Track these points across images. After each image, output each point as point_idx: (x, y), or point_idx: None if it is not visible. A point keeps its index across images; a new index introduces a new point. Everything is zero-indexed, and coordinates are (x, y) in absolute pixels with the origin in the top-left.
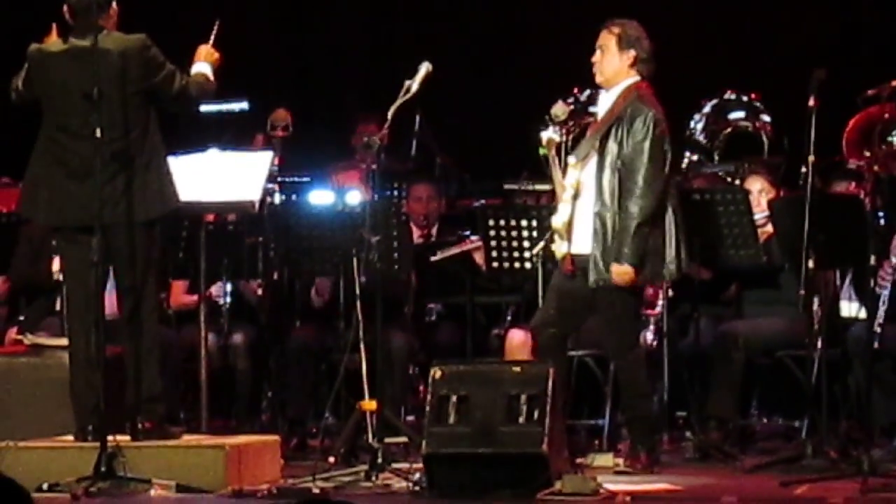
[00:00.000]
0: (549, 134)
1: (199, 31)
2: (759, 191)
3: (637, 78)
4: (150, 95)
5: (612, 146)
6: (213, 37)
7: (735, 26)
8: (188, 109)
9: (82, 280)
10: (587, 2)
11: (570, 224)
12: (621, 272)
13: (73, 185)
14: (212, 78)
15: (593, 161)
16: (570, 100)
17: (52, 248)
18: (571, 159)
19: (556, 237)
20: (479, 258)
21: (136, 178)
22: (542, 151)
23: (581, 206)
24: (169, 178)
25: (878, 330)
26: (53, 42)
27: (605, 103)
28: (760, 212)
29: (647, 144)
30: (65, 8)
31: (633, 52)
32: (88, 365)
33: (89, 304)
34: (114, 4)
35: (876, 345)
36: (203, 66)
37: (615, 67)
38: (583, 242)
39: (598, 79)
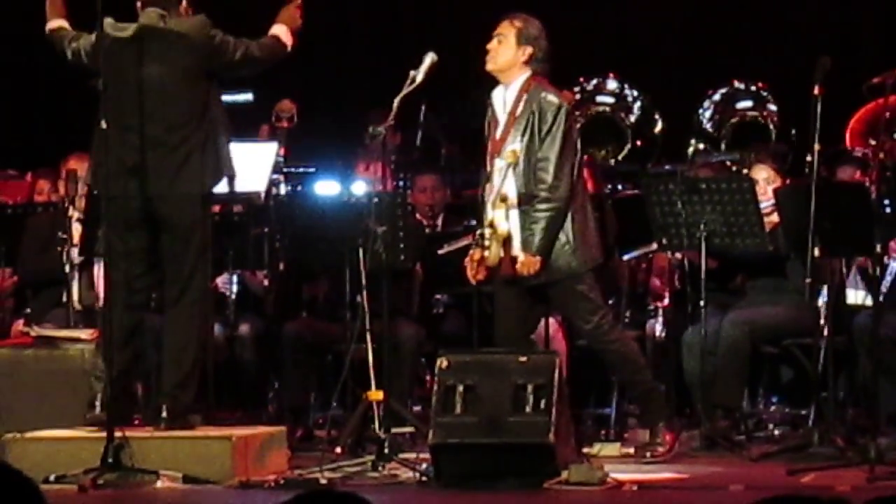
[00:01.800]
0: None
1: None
2: (765, 179)
3: (530, 73)
4: (212, 74)
5: (526, 142)
6: None
7: (741, 16)
8: (253, 72)
9: (119, 262)
10: None
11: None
12: (529, 263)
13: (121, 164)
14: (286, 40)
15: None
16: (577, 89)
17: (59, 240)
18: (500, 163)
19: (489, 242)
20: None
21: (192, 157)
22: (508, 161)
23: (512, 204)
24: (226, 153)
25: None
26: (119, 26)
27: (504, 99)
28: (766, 200)
29: (559, 136)
30: None
31: (530, 49)
32: (118, 339)
33: (127, 287)
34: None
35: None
36: (279, 28)
37: (509, 59)
38: (516, 244)
39: (489, 67)
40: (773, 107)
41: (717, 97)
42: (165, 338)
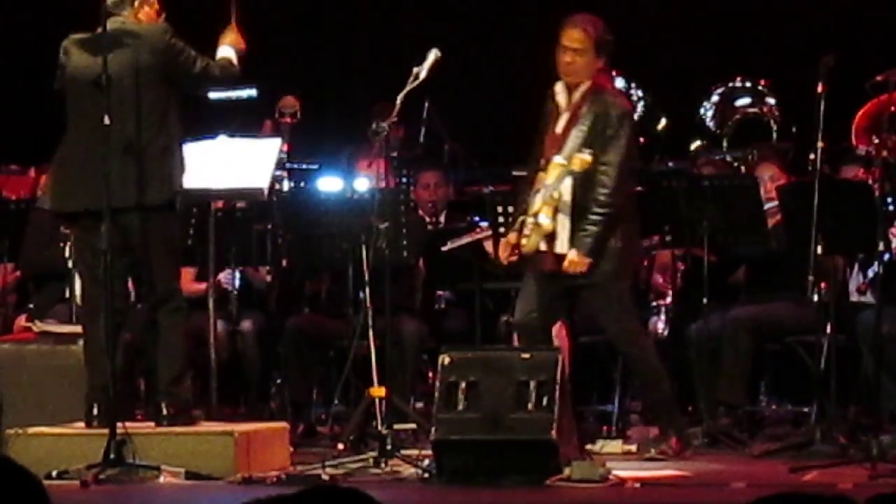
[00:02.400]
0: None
1: (209, 19)
2: (770, 177)
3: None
4: (171, 81)
5: (587, 143)
6: (233, 15)
7: (744, 12)
8: (209, 90)
9: (91, 267)
10: None
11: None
12: (579, 262)
13: (83, 172)
14: (236, 62)
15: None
16: None
17: (62, 235)
18: (559, 158)
19: (529, 231)
20: (488, 246)
21: (149, 163)
22: (576, 168)
23: (564, 206)
24: (180, 165)
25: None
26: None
27: (568, 95)
28: (771, 200)
29: (623, 142)
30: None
31: (604, 57)
32: (100, 351)
33: (100, 291)
34: (146, 5)
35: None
36: (227, 49)
37: (589, 71)
38: (563, 243)
39: (570, 80)
40: (771, 100)
41: (715, 97)
42: (153, 338)
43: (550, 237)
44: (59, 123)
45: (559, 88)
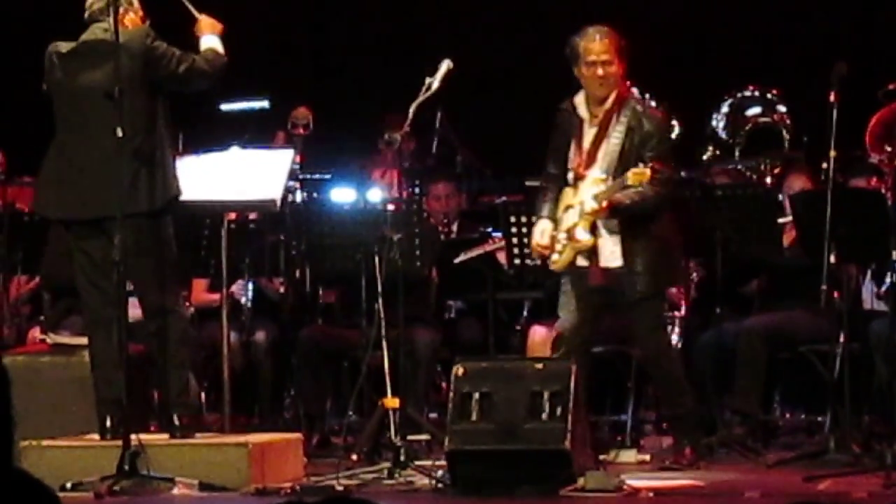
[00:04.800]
0: None
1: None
2: (802, 188)
3: None
4: (158, 85)
5: (625, 156)
6: (191, 9)
7: (755, 21)
8: (202, 85)
9: (92, 278)
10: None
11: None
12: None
13: (81, 181)
14: (221, 50)
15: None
16: None
17: None
18: (598, 173)
19: (561, 248)
20: (501, 257)
21: (142, 171)
22: (638, 181)
23: (608, 220)
24: (172, 170)
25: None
26: (64, 44)
27: (593, 108)
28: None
29: (668, 148)
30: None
31: (625, 62)
32: (109, 363)
33: (105, 302)
34: (131, 12)
35: None
36: (210, 38)
37: (619, 79)
38: (613, 257)
39: (606, 93)
40: (782, 108)
41: (725, 107)
42: (155, 353)
43: (592, 252)
44: None
45: (580, 101)
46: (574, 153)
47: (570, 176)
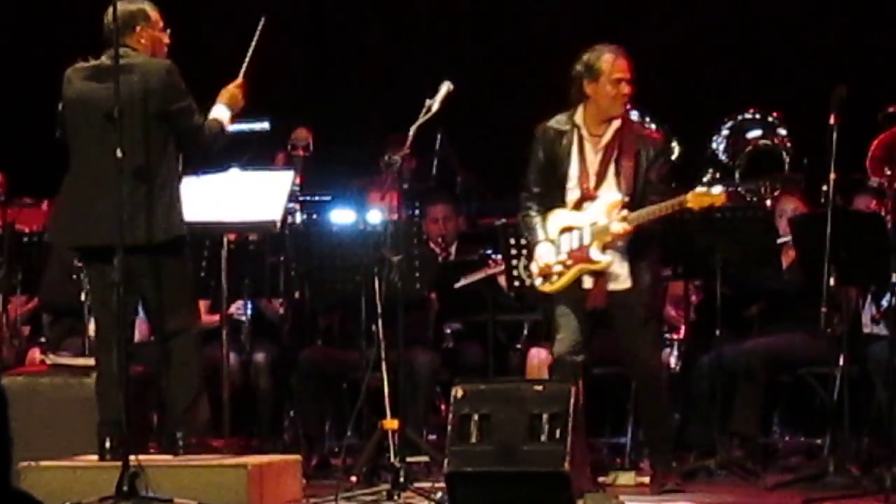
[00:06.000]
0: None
1: (220, 51)
2: (794, 210)
3: None
4: (168, 120)
5: (639, 178)
6: (244, 68)
7: (755, 44)
8: (199, 151)
9: (104, 301)
10: (609, 21)
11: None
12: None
13: (91, 205)
14: (227, 126)
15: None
16: None
17: (78, 269)
18: (615, 194)
19: (557, 275)
20: (501, 279)
21: (152, 198)
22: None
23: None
24: (179, 202)
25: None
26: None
27: (593, 129)
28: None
29: (668, 170)
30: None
31: None
32: (112, 384)
33: (112, 324)
34: (137, 27)
35: None
36: (222, 109)
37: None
38: (622, 278)
39: (621, 111)
40: (783, 131)
41: (725, 130)
42: (166, 370)
43: (598, 273)
44: (70, 157)
45: (580, 119)
46: (577, 173)
47: (572, 196)
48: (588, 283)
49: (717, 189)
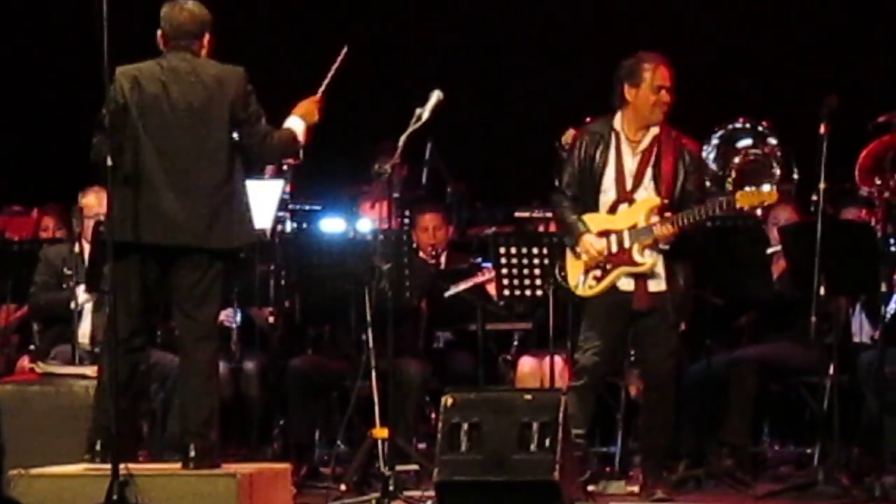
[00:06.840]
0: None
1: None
2: (787, 220)
3: None
4: (235, 127)
5: (677, 184)
6: (323, 85)
7: (745, 53)
8: (265, 160)
9: (183, 307)
10: (599, 32)
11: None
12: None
13: (165, 204)
14: (301, 138)
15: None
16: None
17: (71, 277)
18: (653, 196)
19: (601, 274)
20: (491, 289)
21: (231, 202)
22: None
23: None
24: (250, 215)
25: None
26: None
27: (632, 134)
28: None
29: (703, 177)
30: (159, 34)
31: None
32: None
33: (191, 331)
34: (206, 34)
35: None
36: (296, 121)
37: None
38: (659, 280)
39: (661, 118)
40: (773, 140)
41: (715, 140)
42: (187, 378)
43: (638, 275)
44: (62, 165)
45: (618, 124)
46: (613, 175)
47: (606, 199)
48: (626, 285)
49: (767, 187)
